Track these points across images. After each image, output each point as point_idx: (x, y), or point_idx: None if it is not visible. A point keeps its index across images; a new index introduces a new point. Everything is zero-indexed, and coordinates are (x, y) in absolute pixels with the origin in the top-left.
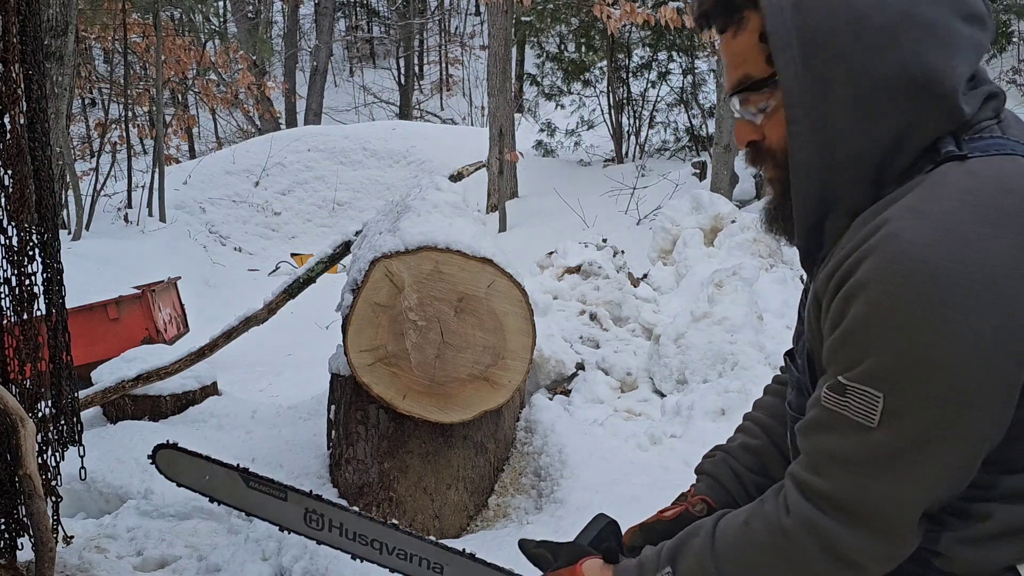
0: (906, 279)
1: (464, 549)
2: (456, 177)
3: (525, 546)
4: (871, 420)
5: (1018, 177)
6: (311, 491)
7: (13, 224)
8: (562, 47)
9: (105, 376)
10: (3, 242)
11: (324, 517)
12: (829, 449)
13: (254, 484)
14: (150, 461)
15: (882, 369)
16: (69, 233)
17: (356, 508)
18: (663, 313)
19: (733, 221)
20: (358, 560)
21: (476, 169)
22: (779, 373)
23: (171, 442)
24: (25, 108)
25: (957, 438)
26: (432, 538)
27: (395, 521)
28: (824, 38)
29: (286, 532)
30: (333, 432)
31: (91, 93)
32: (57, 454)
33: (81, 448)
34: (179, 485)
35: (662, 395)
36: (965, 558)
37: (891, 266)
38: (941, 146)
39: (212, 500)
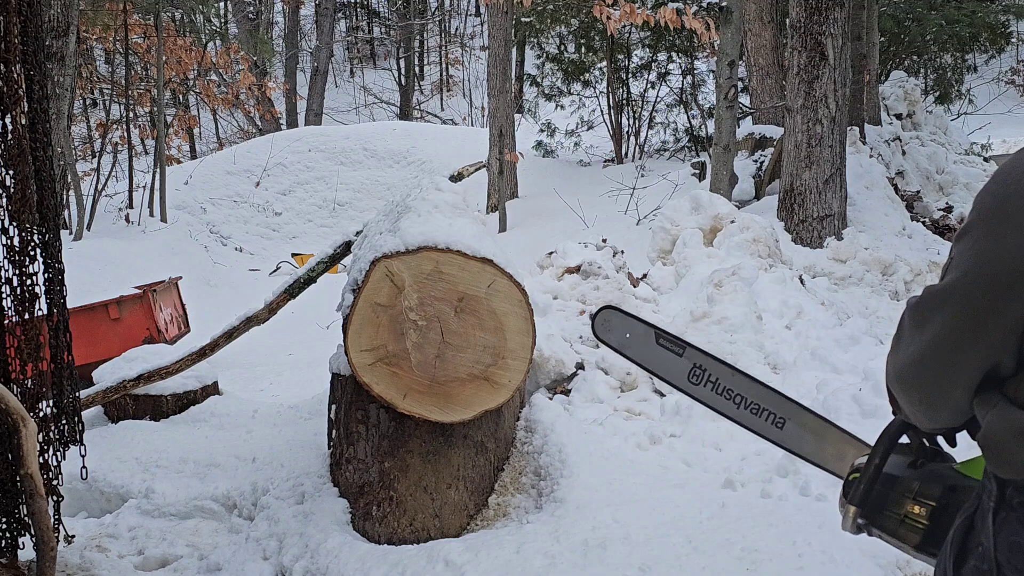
0: (1000, 179)
1: (807, 406)
2: (456, 177)
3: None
4: (943, 275)
5: None
6: (702, 349)
7: (15, 224)
8: (562, 48)
9: (106, 376)
10: (5, 242)
11: (705, 373)
12: None
13: (662, 341)
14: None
15: (958, 234)
16: (70, 233)
17: (729, 363)
18: (663, 313)
19: (732, 221)
20: (717, 414)
21: (476, 169)
22: None
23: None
24: (26, 108)
25: None
26: (780, 391)
27: (752, 375)
28: None
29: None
30: (334, 431)
31: (92, 93)
32: (58, 453)
33: (82, 447)
34: (606, 344)
35: (662, 395)
36: None
37: (1006, 164)
38: None
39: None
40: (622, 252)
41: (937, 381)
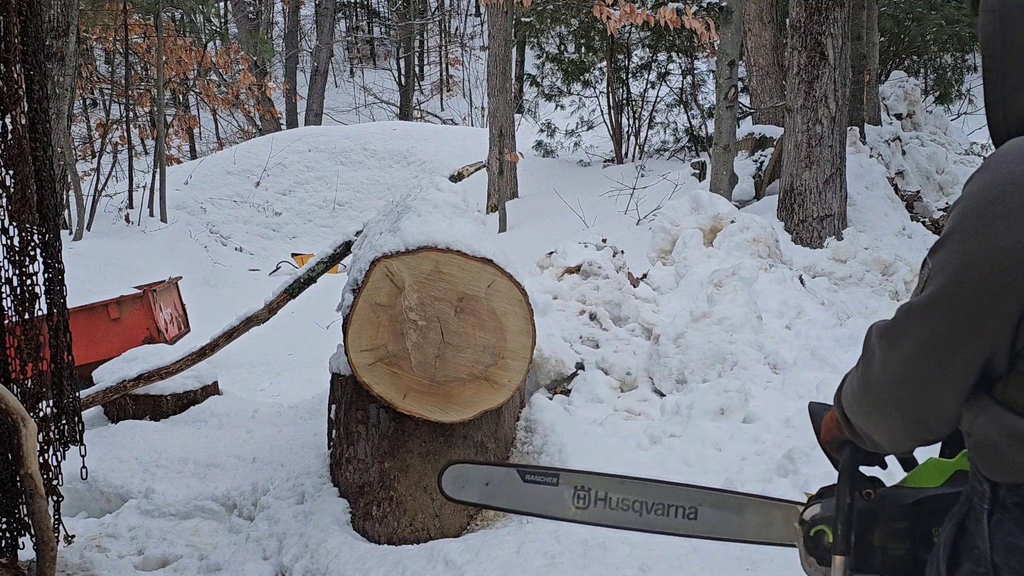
0: (980, 185)
1: (714, 486)
2: (456, 177)
3: (811, 407)
4: (920, 288)
5: None
6: (576, 469)
7: (15, 224)
8: (562, 48)
9: (106, 376)
10: (5, 242)
11: (591, 493)
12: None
13: (530, 476)
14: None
15: (938, 243)
16: (70, 233)
17: (611, 473)
18: (663, 313)
19: (732, 221)
20: (618, 530)
21: (476, 169)
22: None
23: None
24: (26, 108)
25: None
26: (684, 482)
27: (641, 477)
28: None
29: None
30: (334, 431)
31: (92, 93)
32: (58, 453)
33: (82, 447)
34: (465, 503)
35: (661, 395)
36: None
37: (980, 173)
38: None
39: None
40: (622, 252)
41: (927, 392)
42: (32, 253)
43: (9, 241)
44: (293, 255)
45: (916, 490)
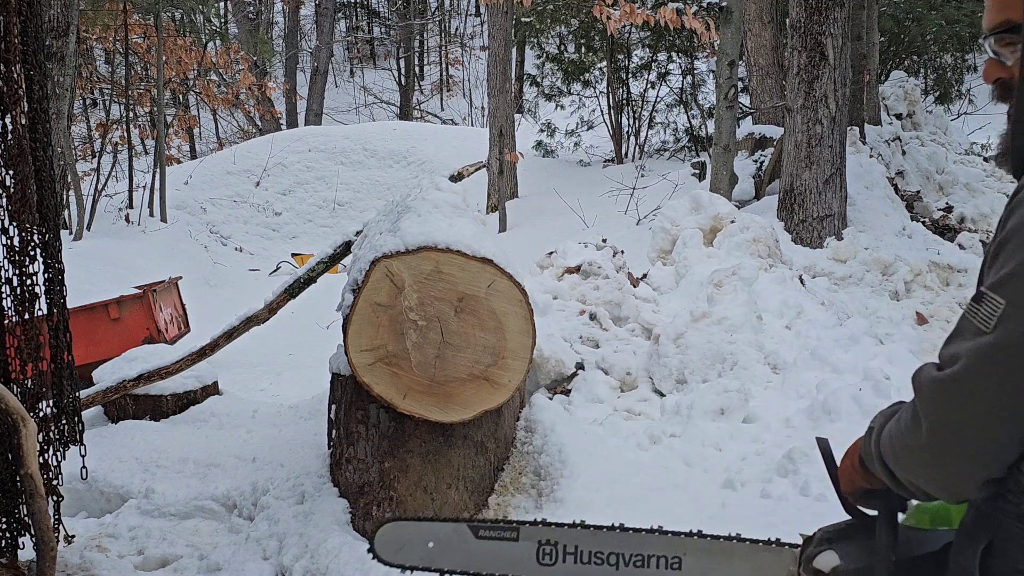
0: None
1: (700, 531)
2: (456, 177)
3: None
4: (988, 326)
5: None
6: (540, 520)
7: (15, 224)
8: (562, 48)
9: (106, 376)
10: (5, 242)
11: (558, 547)
12: (953, 352)
13: (484, 532)
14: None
15: (1009, 276)
16: (70, 233)
17: (582, 521)
18: (662, 313)
19: (732, 221)
20: None
21: (476, 169)
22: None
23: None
24: (26, 108)
25: None
26: (663, 528)
27: (617, 524)
28: None
29: None
30: (334, 431)
31: (92, 93)
32: (58, 453)
33: (82, 447)
34: (404, 567)
35: (661, 395)
36: None
37: None
38: None
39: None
40: (622, 252)
41: (1015, 435)
42: (32, 253)
43: (9, 241)
44: (293, 255)
45: (939, 532)
